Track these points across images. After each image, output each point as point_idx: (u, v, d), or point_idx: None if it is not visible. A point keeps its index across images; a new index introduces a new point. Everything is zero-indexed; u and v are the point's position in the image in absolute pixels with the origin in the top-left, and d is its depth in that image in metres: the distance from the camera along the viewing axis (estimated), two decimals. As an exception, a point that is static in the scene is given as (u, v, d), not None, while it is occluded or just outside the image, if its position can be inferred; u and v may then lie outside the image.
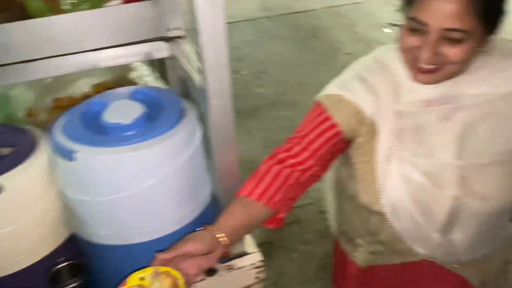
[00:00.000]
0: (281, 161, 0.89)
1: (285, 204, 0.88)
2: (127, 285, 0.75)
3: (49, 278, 1.02)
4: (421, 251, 0.98)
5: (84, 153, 0.89)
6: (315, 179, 0.92)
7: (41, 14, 1.03)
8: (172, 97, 1.05)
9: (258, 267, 1.16)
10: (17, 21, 0.97)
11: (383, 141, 0.89)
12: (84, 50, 1.08)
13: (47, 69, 1.06)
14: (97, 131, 0.93)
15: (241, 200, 0.86)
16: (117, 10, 1.08)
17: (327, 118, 0.90)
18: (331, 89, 0.93)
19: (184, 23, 1.15)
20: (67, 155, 0.90)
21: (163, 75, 1.33)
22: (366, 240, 1.06)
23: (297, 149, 0.89)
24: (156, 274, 0.75)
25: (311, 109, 0.94)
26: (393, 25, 0.85)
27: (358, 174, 0.96)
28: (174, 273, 0.75)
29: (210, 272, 1.09)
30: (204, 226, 0.81)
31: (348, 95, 0.90)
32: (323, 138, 0.89)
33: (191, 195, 1.04)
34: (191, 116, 1.01)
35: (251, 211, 0.85)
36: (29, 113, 1.26)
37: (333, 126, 0.89)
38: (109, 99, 1.00)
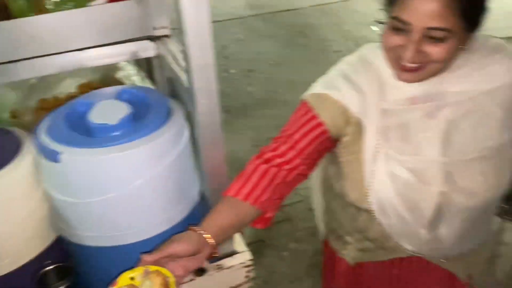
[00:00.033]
0: (267, 160, 0.89)
1: (272, 204, 0.88)
2: (117, 285, 0.74)
3: (36, 281, 1.01)
4: (409, 247, 0.99)
5: (70, 154, 0.88)
6: (302, 178, 0.92)
7: (24, 14, 1.02)
8: (158, 96, 1.04)
9: (248, 266, 1.16)
10: (0, 21, 0.96)
11: (370, 140, 0.90)
12: (69, 50, 1.07)
13: (31, 70, 1.05)
14: (83, 132, 0.92)
15: (228, 200, 0.86)
16: (102, 9, 1.07)
17: (313, 117, 0.90)
18: (317, 88, 0.93)
19: (170, 22, 1.14)
20: (52, 156, 0.89)
21: (150, 74, 1.32)
22: (355, 237, 1.06)
23: (283, 148, 0.89)
24: (146, 274, 0.75)
25: (297, 108, 0.94)
26: (379, 22, 0.86)
27: (345, 173, 0.96)
28: (165, 271, 0.75)
29: (200, 272, 1.09)
30: (190, 227, 0.81)
31: (334, 94, 0.90)
32: (309, 137, 0.89)
33: (179, 195, 1.03)
34: (178, 116, 1.00)
35: (238, 211, 0.85)
36: (14, 115, 1.24)
37: (319, 124, 0.90)
38: (94, 99, 0.99)
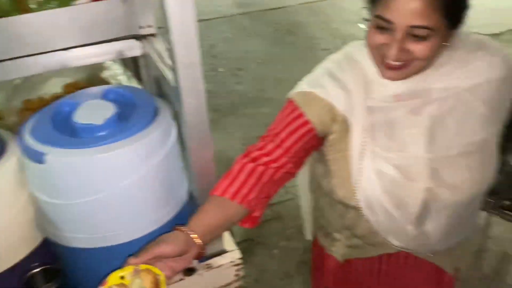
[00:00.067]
0: (254, 159, 0.88)
1: (260, 202, 0.88)
2: (107, 284, 0.74)
3: (24, 284, 1.00)
4: (397, 243, 1.00)
5: (55, 155, 0.87)
6: (289, 176, 0.92)
7: (7, 13, 1.00)
8: (145, 96, 1.03)
9: (238, 264, 1.16)
10: (-18, 21, 0.95)
11: (356, 137, 0.90)
12: (54, 50, 1.06)
13: (15, 70, 1.03)
14: (68, 132, 0.91)
15: (215, 199, 0.86)
16: (87, 8, 1.06)
17: (300, 115, 0.90)
18: (303, 86, 0.93)
19: (156, 20, 1.13)
20: (37, 157, 0.88)
21: (136, 74, 1.31)
22: (343, 234, 1.07)
23: (270, 147, 0.89)
24: (136, 272, 0.75)
25: (283, 106, 0.94)
26: (366, 20, 0.86)
27: (332, 170, 0.96)
28: (155, 270, 0.75)
29: (189, 272, 1.08)
30: (177, 227, 0.80)
31: (320, 92, 0.90)
32: (296, 135, 0.89)
33: (167, 195, 1.03)
34: (165, 115, 1.00)
35: (225, 210, 0.85)
36: (-2, 116, 1.22)
37: (305, 123, 0.90)
38: (79, 99, 0.98)
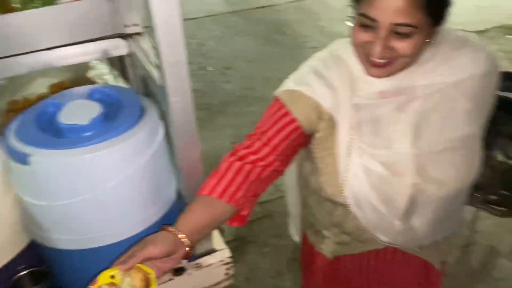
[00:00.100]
0: (241, 157, 0.88)
1: (247, 201, 0.88)
2: (97, 283, 0.73)
3: (10, 287, 0.98)
4: (384, 238, 1.01)
5: (39, 156, 0.86)
6: (276, 175, 0.92)
7: (-11, 13, 0.99)
8: (131, 95, 1.02)
9: (227, 263, 1.15)
10: (-36, 21, 0.93)
11: (343, 135, 0.91)
12: (38, 50, 1.05)
13: (-1, 71, 1.02)
14: (53, 133, 0.90)
15: (202, 198, 0.85)
16: (71, 7, 1.05)
17: (286, 113, 0.90)
18: (289, 84, 0.93)
19: (141, 19, 1.12)
20: (22, 159, 0.87)
21: (123, 73, 1.30)
22: (332, 231, 1.07)
23: (257, 145, 0.89)
24: (126, 271, 0.74)
25: (270, 105, 0.94)
26: (351, 18, 0.86)
27: (320, 168, 0.97)
28: (145, 268, 0.75)
29: (178, 272, 1.08)
30: (164, 227, 0.80)
31: (306, 90, 0.90)
32: (283, 133, 0.89)
33: (155, 195, 1.02)
34: (151, 114, 0.99)
35: (213, 209, 0.85)
36: (-18, 117, 1.20)
37: (292, 121, 0.90)
38: (64, 100, 0.97)
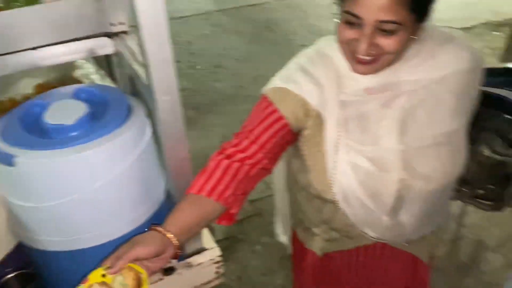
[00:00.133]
0: (229, 156, 0.88)
1: (236, 199, 0.87)
2: (88, 282, 0.72)
3: (-3, 290, 0.98)
4: (373, 234, 1.01)
5: (25, 157, 0.85)
6: (265, 173, 0.92)
7: (-28, 13, 0.97)
8: (118, 94, 1.02)
9: (218, 262, 1.15)
10: None
11: (330, 132, 0.91)
12: (22, 49, 1.03)
13: (-17, 71, 1.01)
14: (38, 133, 0.89)
15: (191, 197, 0.85)
16: (55, 5, 1.04)
17: (274, 110, 0.90)
18: (276, 82, 0.93)
19: (128, 17, 1.11)
20: (7, 160, 0.85)
21: (110, 72, 1.29)
22: (321, 228, 1.07)
23: (245, 143, 0.89)
24: None
25: (257, 103, 0.94)
26: (336, 15, 0.86)
27: (308, 165, 0.97)
28: (136, 267, 0.74)
29: (168, 271, 1.07)
30: (153, 227, 0.79)
31: (293, 87, 0.90)
32: (271, 131, 0.89)
33: (143, 194, 1.01)
34: (139, 113, 0.98)
35: (201, 208, 0.84)
36: (-33, 118, 1.19)
37: (280, 118, 0.90)
38: (50, 99, 0.96)
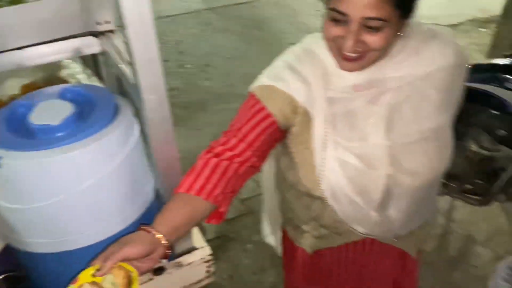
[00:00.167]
0: (218, 154, 0.88)
1: (225, 198, 0.87)
2: (78, 282, 0.72)
3: (-15, 293, 0.96)
4: (362, 230, 1.02)
5: (11, 158, 0.84)
6: (254, 170, 0.92)
7: (-46, 12, 0.96)
8: (104, 94, 1.01)
9: (208, 261, 1.15)
10: None
11: (318, 128, 0.91)
12: (7, 49, 1.02)
13: (-34, 72, 1.00)
14: (24, 134, 0.89)
15: (179, 196, 0.84)
16: (41, 5, 1.03)
17: (261, 108, 0.90)
18: (263, 79, 0.93)
19: (114, 16, 1.11)
20: (-8, 161, 0.85)
21: (96, 72, 1.28)
22: (310, 225, 1.08)
23: (233, 141, 0.88)
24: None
25: (245, 101, 0.93)
26: (323, 12, 0.86)
27: (297, 163, 0.97)
28: (127, 266, 0.74)
29: (158, 271, 1.07)
30: (142, 227, 0.78)
31: (280, 85, 0.90)
32: (258, 128, 0.89)
33: (132, 194, 1.01)
34: (126, 113, 0.98)
35: (191, 207, 0.84)
36: (-49, 120, 1.17)
37: (267, 116, 0.90)
38: (35, 100, 0.95)
